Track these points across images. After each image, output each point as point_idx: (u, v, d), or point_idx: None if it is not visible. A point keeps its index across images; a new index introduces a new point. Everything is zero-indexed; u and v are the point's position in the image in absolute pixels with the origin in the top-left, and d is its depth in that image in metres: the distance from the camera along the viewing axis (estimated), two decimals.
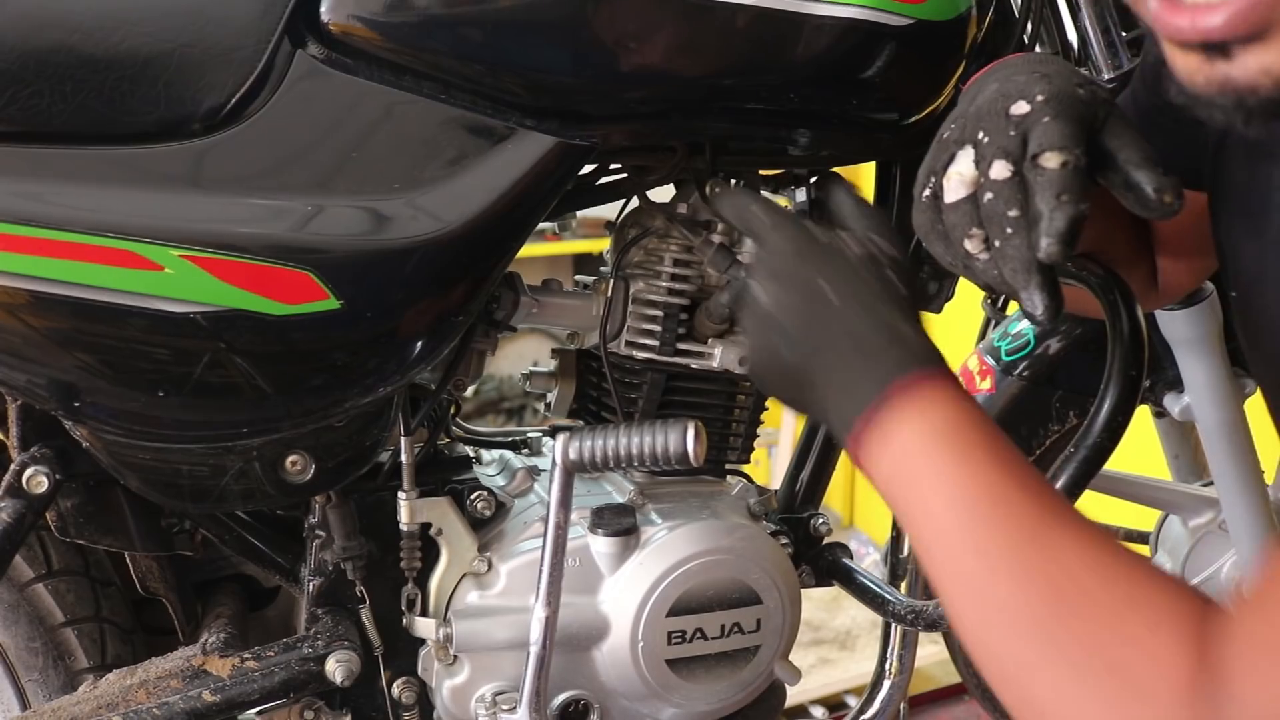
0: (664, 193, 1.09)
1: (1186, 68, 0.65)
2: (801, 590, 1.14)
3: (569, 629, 1.02)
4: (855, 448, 0.71)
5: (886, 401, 0.69)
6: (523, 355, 3.59)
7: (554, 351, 1.17)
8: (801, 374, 0.76)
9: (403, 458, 1.01)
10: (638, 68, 0.91)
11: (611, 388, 1.08)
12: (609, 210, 1.13)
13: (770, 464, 4.05)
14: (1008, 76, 0.76)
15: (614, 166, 1.07)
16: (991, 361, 1.44)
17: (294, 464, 0.95)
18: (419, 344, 0.92)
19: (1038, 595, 0.61)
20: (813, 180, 1.18)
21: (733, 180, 1.09)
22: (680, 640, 1.05)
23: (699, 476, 1.15)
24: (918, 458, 0.68)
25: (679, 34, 0.90)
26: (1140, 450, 1.37)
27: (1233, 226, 0.86)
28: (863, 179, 1.22)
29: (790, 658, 1.13)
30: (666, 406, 1.09)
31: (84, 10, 0.83)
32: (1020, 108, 0.73)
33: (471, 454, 1.15)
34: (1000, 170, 0.72)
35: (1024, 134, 0.72)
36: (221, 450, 0.93)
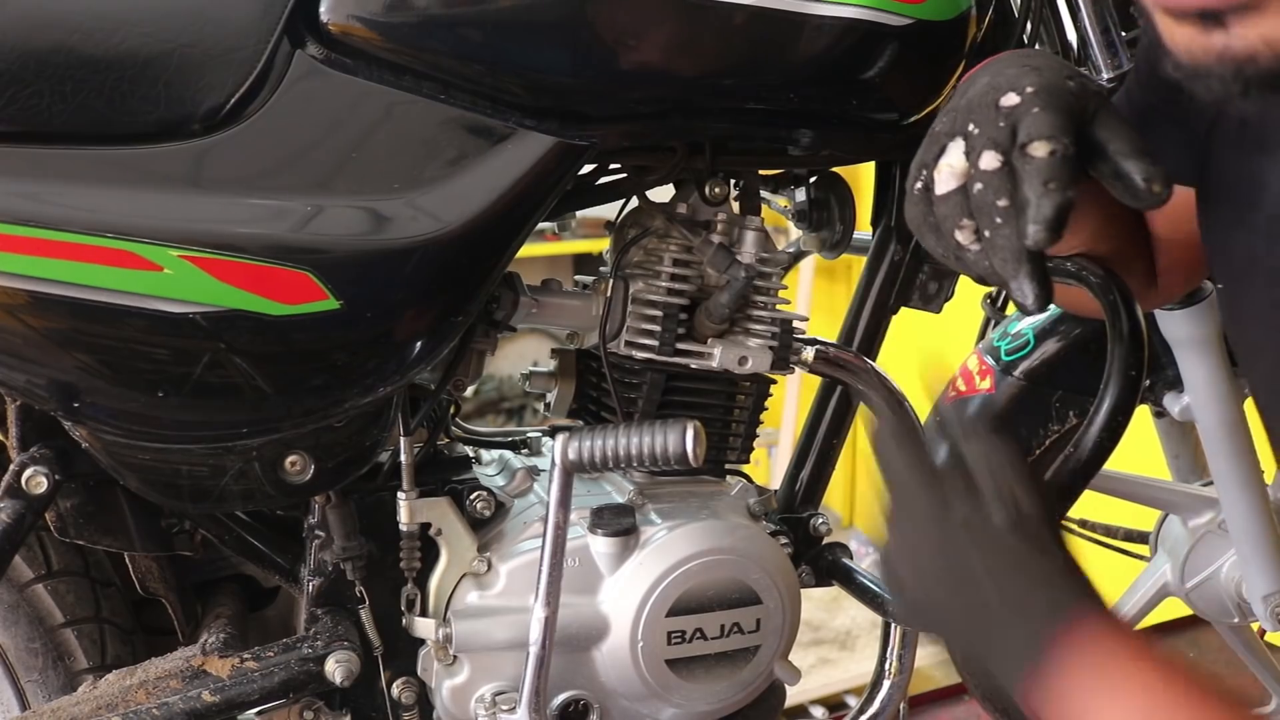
0: (664, 193, 1.09)
1: (1184, 39, 0.65)
2: (801, 590, 1.14)
3: (569, 629, 1.02)
4: (1027, 701, 0.70)
5: (1047, 657, 0.68)
6: (523, 355, 3.59)
7: (554, 351, 1.17)
8: (957, 638, 0.75)
9: (402, 458, 1.01)
10: (637, 68, 0.91)
11: (611, 388, 1.08)
12: (609, 210, 1.13)
13: (770, 464, 4.05)
14: (999, 70, 0.77)
15: (614, 166, 1.06)
16: (991, 361, 1.44)
17: (294, 464, 0.95)
18: (419, 344, 0.92)
19: None
20: (813, 180, 1.18)
21: (732, 180, 1.09)
22: (680, 640, 1.05)
23: (699, 476, 1.15)
24: (1087, 701, 0.67)
25: (679, 34, 0.90)
26: (1140, 450, 1.37)
27: (1221, 218, 0.87)
28: (863, 179, 1.23)
29: (790, 658, 1.13)
30: (666, 406, 1.09)
31: (84, 10, 0.83)
32: (1010, 99, 0.73)
33: (471, 454, 1.14)
34: (989, 161, 0.72)
35: (1013, 125, 0.72)
36: (221, 450, 0.93)
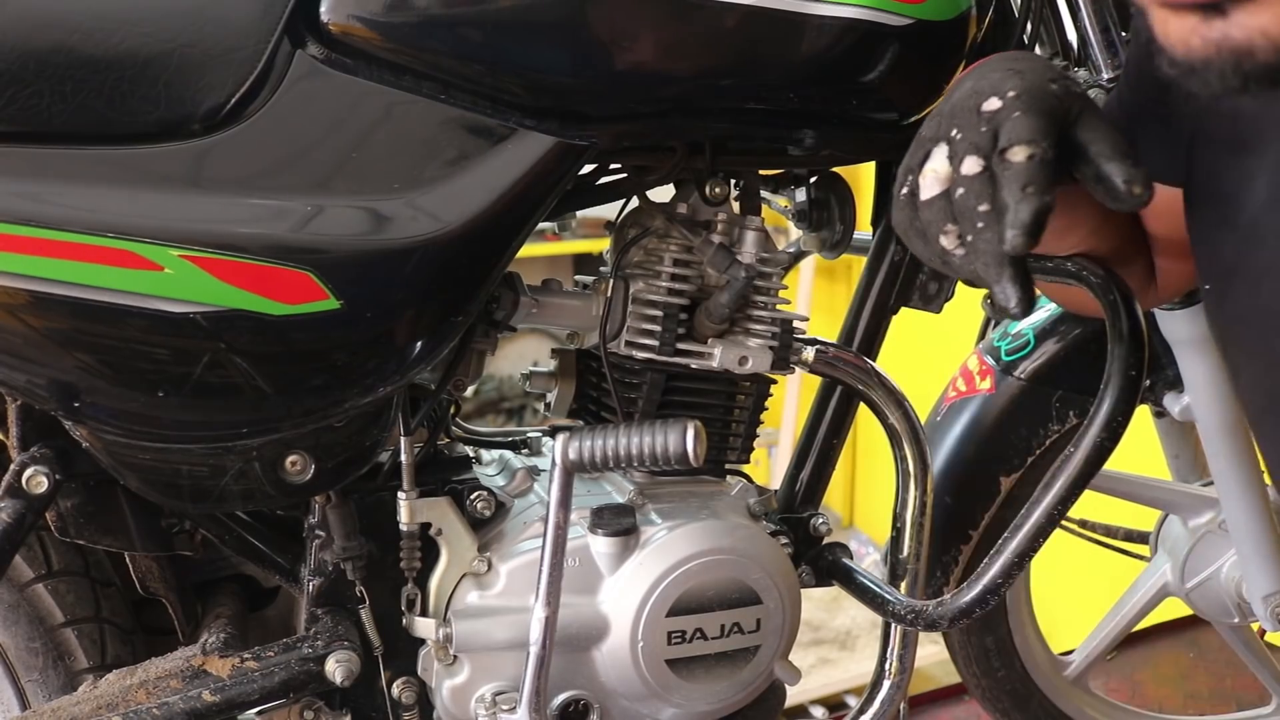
0: (664, 193, 1.09)
1: (1181, 32, 0.65)
2: (801, 590, 1.14)
3: (569, 629, 1.02)
4: None
5: None
6: (523, 355, 3.60)
7: (554, 351, 1.17)
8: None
9: (402, 458, 1.01)
10: (637, 67, 0.91)
11: (611, 388, 1.08)
12: (609, 210, 1.13)
13: (770, 464, 4.06)
14: (983, 74, 0.77)
15: (614, 166, 1.06)
16: (991, 361, 1.44)
17: (294, 464, 0.95)
18: (419, 344, 0.92)
19: None
20: (813, 180, 1.18)
21: (732, 180, 1.09)
22: (680, 640, 1.05)
23: (699, 476, 1.15)
24: None
25: (679, 34, 0.90)
26: (1140, 450, 1.37)
27: (1207, 219, 0.87)
28: (863, 179, 1.23)
29: (790, 658, 1.13)
30: (666, 406, 1.09)
31: (84, 10, 0.83)
32: (992, 104, 0.74)
33: (471, 454, 1.14)
34: (971, 166, 0.72)
35: (995, 129, 0.73)
36: (221, 450, 0.93)
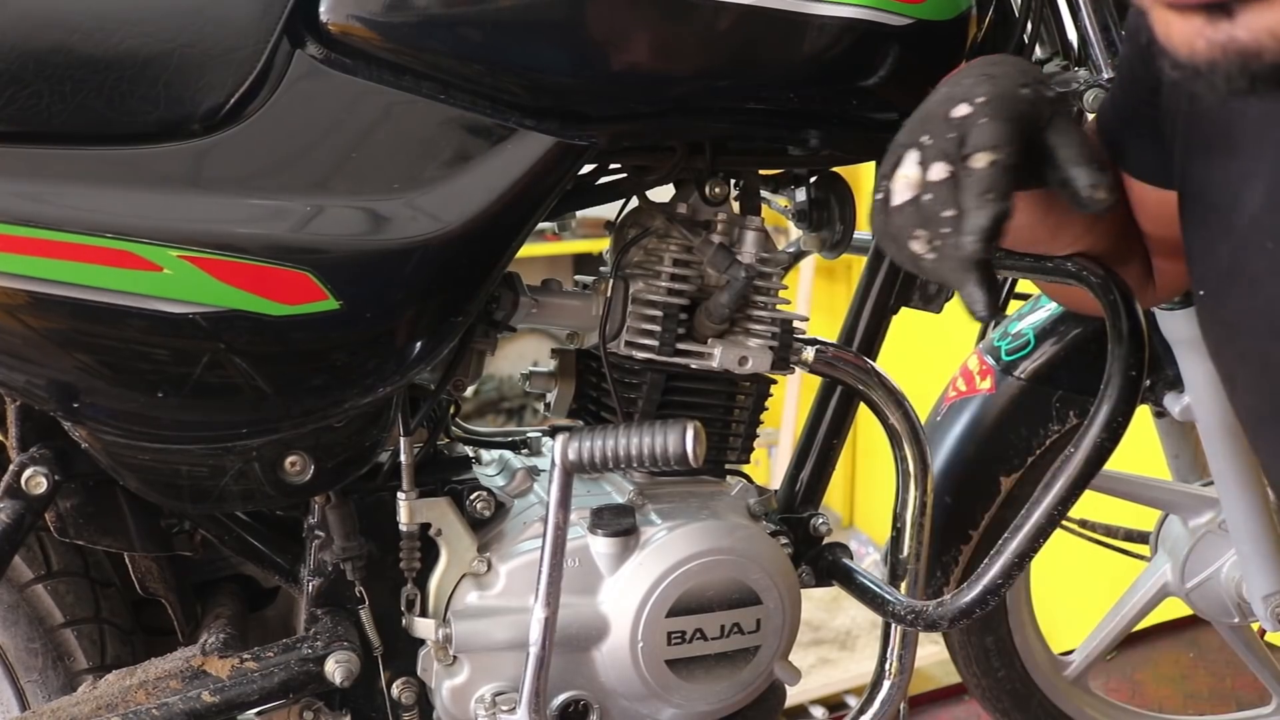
0: (664, 193, 1.09)
1: (1185, 34, 0.64)
2: (801, 590, 1.14)
3: (569, 629, 1.02)
4: None
5: None
6: (523, 355, 3.60)
7: (554, 351, 1.17)
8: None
9: (402, 458, 1.01)
10: (637, 67, 0.91)
11: (611, 388, 1.08)
12: (609, 210, 1.13)
13: (770, 464, 4.06)
14: (957, 80, 0.78)
15: (614, 166, 1.06)
16: (991, 361, 1.44)
17: (293, 464, 0.95)
18: (418, 344, 0.92)
19: None
20: (813, 180, 1.18)
21: (732, 180, 1.09)
22: (680, 641, 1.05)
23: (699, 477, 1.15)
24: None
25: (678, 34, 0.90)
26: (1140, 450, 1.37)
27: (1202, 222, 0.87)
28: (863, 179, 1.23)
29: (790, 658, 1.13)
30: (666, 406, 1.09)
31: (84, 10, 0.83)
32: (960, 110, 0.75)
33: (471, 454, 1.14)
34: (938, 172, 0.73)
35: (963, 135, 0.73)
36: (221, 451, 0.93)
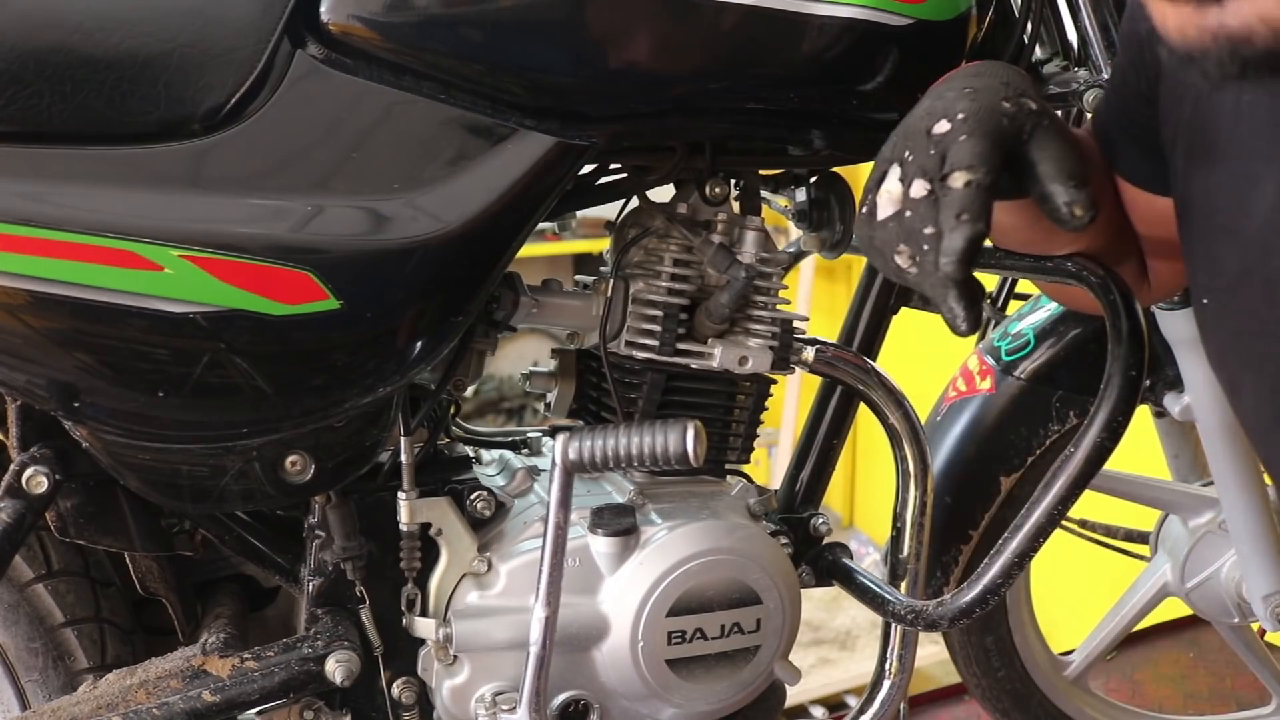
0: (664, 193, 1.09)
1: (1178, 21, 0.65)
2: (801, 590, 1.14)
3: (569, 629, 1.02)
4: None
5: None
6: (523, 355, 3.60)
7: (554, 351, 1.17)
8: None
9: (402, 458, 1.01)
10: (637, 67, 0.91)
11: (611, 388, 1.08)
12: (609, 210, 1.13)
13: (770, 464, 4.06)
14: (940, 93, 0.79)
15: (614, 166, 1.06)
16: (991, 361, 1.44)
17: (294, 464, 0.95)
18: (419, 344, 0.92)
19: None
20: (813, 180, 1.18)
21: (732, 180, 1.09)
22: (680, 640, 1.05)
23: (699, 476, 1.15)
24: None
25: (678, 34, 0.90)
26: (1140, 450, 1.37)
27: (1206, 230, 0.86)
28: (863, 179, 1.23)
29: (790, 658, 1.13)
30: (666, 406, 1.09)
31: (84, 10, 0.83)
32: (941, 126, 0.75)
33: (471, 454, 1.14)
34: (918, 189, 0.74)
35: (943, 152, 0.74)
36: (221, 451, 0.93)
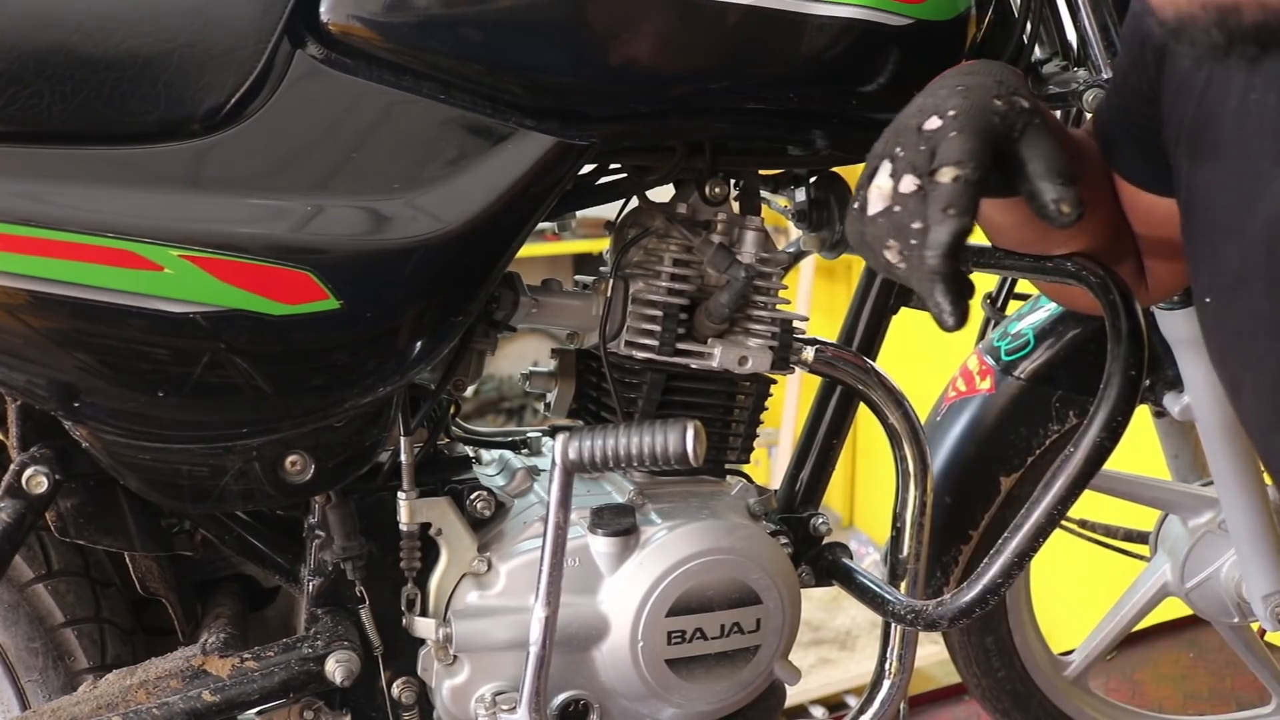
0: (664, 193, 1.09)
1: None
2: (801, 590, 1.14)
3: (569, 629, 1.02)
4: None
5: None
6: (523, 355, 3.60)
7: (554, 351, 1.17)
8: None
9: (402, 458, 1.01)
10: (637, 67, 0.91)
11: (611, 388, 1.08)
12: (609, 210, 1.13)
13: (770, 464, 4.06)
14: (933, 90, 0.79)
15: (614, 166, 1.06)
16: (991, 361, 1.44)
17: (294, 464, 0.95)
18: (419, 344, 0.92)
19: None
20: (813, 180, 1.18)
21: (732, 180, 1.09)
22: (680, 640, 1.05)
23: (699, 476, 1.15)
24: None
25: (678, 34, 0.90)
26: (1140, 450, 1.37)
27: (1210, 229, 0.87)
28: None
29: (790, 658, 1.13)
30: (666, 406, 1.09)
31: (84, 10, 0.83)
32: (932, 123, 0.76)
33: (471, 454, 1.14)
34: (907, 184, 0.74)
35: (933, 149, 0.74)
36: (221, 450, 0.93)
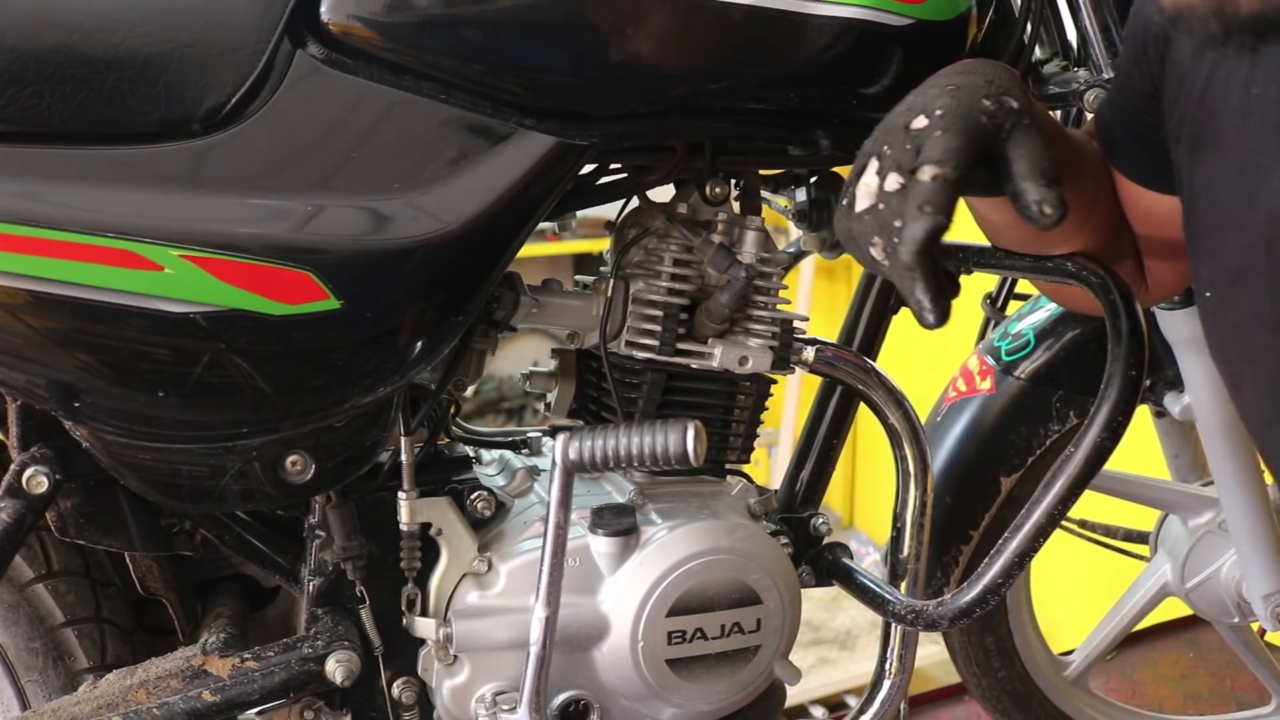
0: (664, 193, 1.09)
1: None
2: (801, 590, 1.14)
3: (569, 629, 1.02)
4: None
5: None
6: (523, 355, 3.60)
7: (554, 351, 1.17)
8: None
9: (403, 458, 1.01)
10: (637, 67, 0.91)
11: (611, 388, 1.08)
12: (609, 210, 1.13)
13: (770, 464, 4.06)
14: (923, 90, 0.80)
15: (614, 166, 1.07)
16: (991, 361, 1.44)
17: (294, 464, 0.95)
18: (419, 344, 0.92)
19: None
20: (813, 180, 1.18)
21: (732, 180, 1.09)
22: (680, 640, 1.05)
23: (699, 476, 1.15)
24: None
25: (678, 34, 0.90)
26: (1140, 450, 1.37)
27: (1212, 223, 0.87)
28: None
29: (790, 658, 1.13)
30: (666, 406, 1.09)
31: (84, 10, 0.83)
32: (919, 122, 0.76)
33: (471, 454, 1.15)
34: (892, 183, 0.75)
35: (918, 148, 0.75)
36: (221, 450, 0.93)
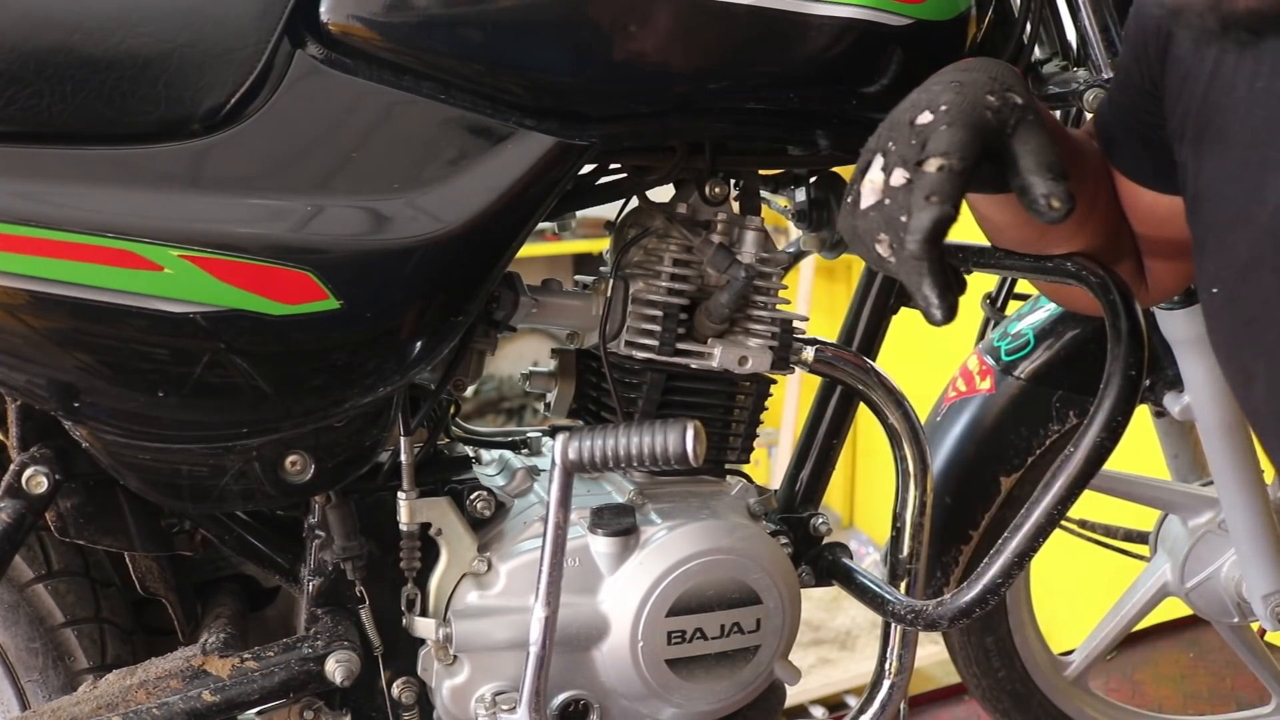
0: (664, 193, 1.09)
1: None
2: (801, 590, 1.14)
3: (569, 629, 1.02)
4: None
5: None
6: (523, 355, 3.60)
7: (554, 351, 1.17)
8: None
9: (402, 458, 1.01)
10: (637, 68, 0.91)
11: (611, 388, 1.08)
12: (609, 210, 1.13)
13: (770, 464, 4.06)
14: (928, 86, 0.80)
15: (614, 166, 1.07)
16: (991, 361, 1.44)
17: (294, 464, 0.95)
18: (419, 344, 0.92)
19: None
20: (813, 180, 1.18)
21: (732, 180, 1.09)
22: (680, 640, 1.05)
23: (699, 476, 1.15)
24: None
25: (678, 34, 0.90)
26: (1140, 450, 1.37)
27: (1217, 219, 0.87)
28: None
29: (790, 658, 1.13)
30: (666, 406, 1.09)
31: (84, 10, 0.83)
32: (924, 118, 0.76)
33: (471, 454, 1.15)
34: (898, 178, 0.75)
35: (923, 142, 0.75)
36: (221, 450, 0.93)
